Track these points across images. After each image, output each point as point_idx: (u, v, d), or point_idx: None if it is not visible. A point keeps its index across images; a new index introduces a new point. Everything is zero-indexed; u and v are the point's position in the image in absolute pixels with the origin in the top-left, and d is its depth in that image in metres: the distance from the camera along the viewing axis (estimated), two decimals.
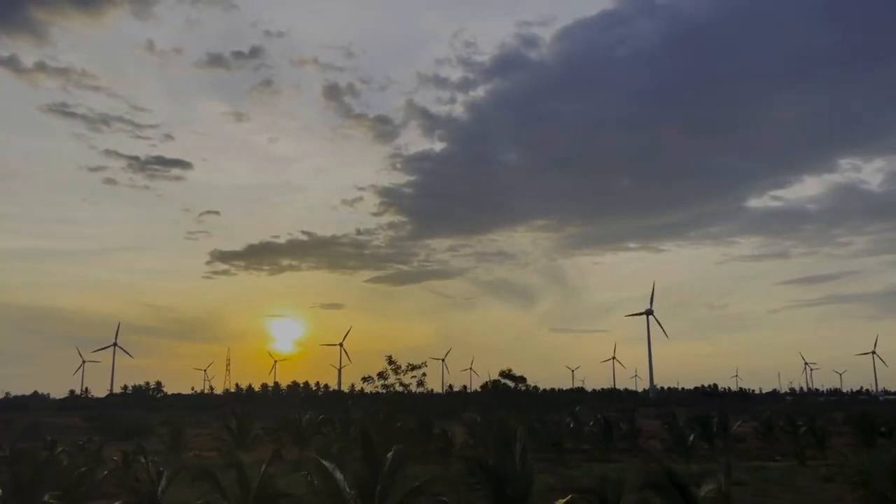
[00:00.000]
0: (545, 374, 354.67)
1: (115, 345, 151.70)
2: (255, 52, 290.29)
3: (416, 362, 56.73)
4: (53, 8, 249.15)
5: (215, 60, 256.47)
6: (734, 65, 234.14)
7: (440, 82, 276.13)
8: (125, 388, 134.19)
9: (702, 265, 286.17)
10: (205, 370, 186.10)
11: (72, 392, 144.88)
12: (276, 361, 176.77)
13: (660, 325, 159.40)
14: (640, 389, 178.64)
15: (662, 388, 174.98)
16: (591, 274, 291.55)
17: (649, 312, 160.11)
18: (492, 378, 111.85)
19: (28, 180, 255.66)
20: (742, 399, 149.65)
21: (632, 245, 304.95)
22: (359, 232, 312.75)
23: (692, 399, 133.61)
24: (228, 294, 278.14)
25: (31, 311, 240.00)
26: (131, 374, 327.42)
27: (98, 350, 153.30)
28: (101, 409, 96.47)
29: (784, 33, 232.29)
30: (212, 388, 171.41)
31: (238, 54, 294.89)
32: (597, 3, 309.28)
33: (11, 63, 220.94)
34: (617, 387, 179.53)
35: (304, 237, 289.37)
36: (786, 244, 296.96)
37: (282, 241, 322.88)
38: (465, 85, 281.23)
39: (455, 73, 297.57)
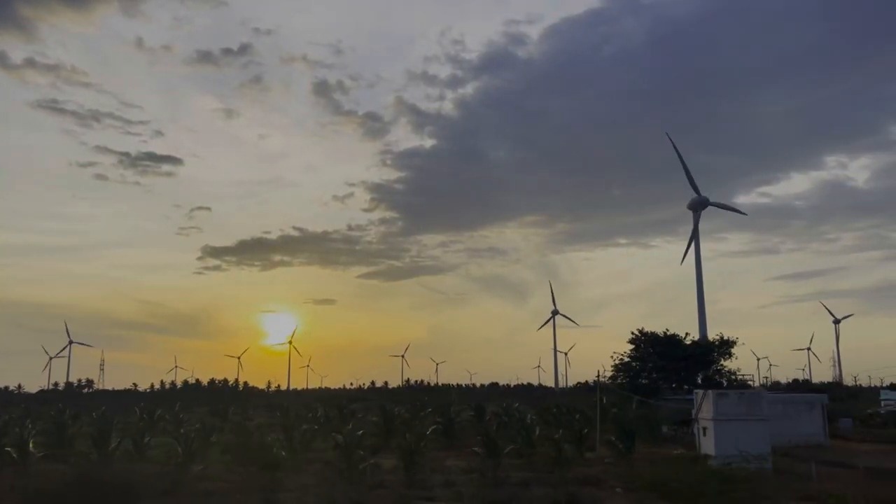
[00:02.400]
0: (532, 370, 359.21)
1: (70, 342, 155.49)
2: (244, 49, 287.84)
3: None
4: (41, 4, 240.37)
5: (204, 57, 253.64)
6: (720, 62, 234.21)
7: (429, 79, 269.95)
8: (56, 384, 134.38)
9: (691, 261, 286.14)
10: (175, 366, 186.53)
11: (6, 388, 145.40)
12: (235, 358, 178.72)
13: (568, 318, 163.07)
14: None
15: (580, 383, 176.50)
16: (583, 270, 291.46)
17: (555, 313, 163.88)
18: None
19: (18, 175, 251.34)
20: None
21: (622, 241, 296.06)
22: (350, 228, 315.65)
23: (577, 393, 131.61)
24: (220, 290, 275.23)
25: (20, 306, 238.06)
26: (126, 369, 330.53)
27: (61, 351, 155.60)
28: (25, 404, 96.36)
29: (770, 31, 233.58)
30: (174, 384, 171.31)
31: (227, 51, 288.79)
32: (583, 2, 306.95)
33: (0, 59, 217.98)
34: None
35: (296, 233, 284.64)
36: (774, 240, 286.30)
37: (273, 236, 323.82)
38: (453, 82, 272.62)
39: (443, 71, 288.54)
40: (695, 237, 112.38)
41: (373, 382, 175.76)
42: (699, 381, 51.88)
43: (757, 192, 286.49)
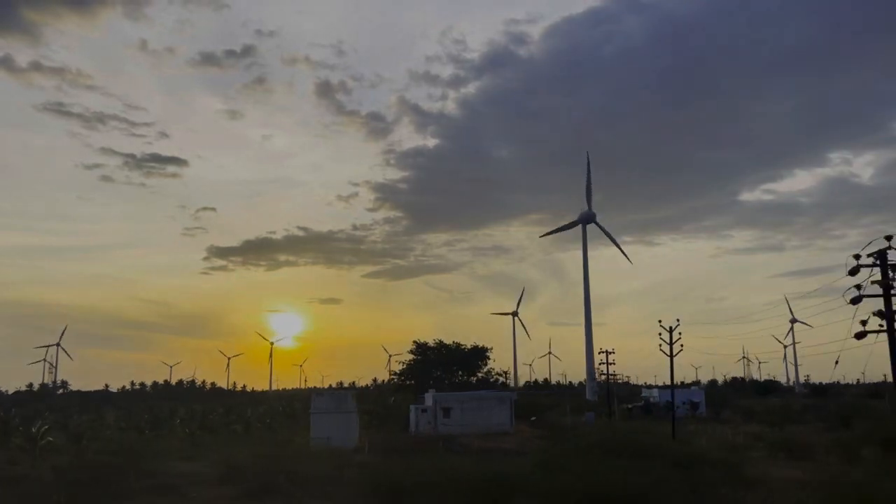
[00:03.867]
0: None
1: (58, 345, 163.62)
2: (247, 50, 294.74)
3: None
4: (46, 9, 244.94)
5: (208, 59, 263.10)
6: (723, 60, 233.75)
7: (431, 79, 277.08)
8: (31, 385, 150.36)
9: (696, 258, 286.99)
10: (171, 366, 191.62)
11: None
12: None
13: (524, 326, 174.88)
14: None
15: (530, 382, 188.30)
16: (588, 268, 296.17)
17: (514, 314, 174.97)
18: None
19: (25, 177, 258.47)
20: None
21: (626, 239, 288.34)
22: (355, 227, 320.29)
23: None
24: (226, 290, 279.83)
25: (28, 306, 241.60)
26: (127, 370, 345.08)
27: (43, 346, 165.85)
28: None
29: (772, 28, 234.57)
30: (143, 384, 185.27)
31: (230, 53, 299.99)
32: (583, 1, 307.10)
33: (6, 63, 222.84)
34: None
35: (301, 233, 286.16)
36: (779, 237, 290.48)
37: (278, 236, 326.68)
38: (455, 82, 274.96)
39: (445, 71, 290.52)
40: (583, 250, 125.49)
41: (374, 380, 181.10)
42: (474, 382, 66.07)
43: (761, 189, 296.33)
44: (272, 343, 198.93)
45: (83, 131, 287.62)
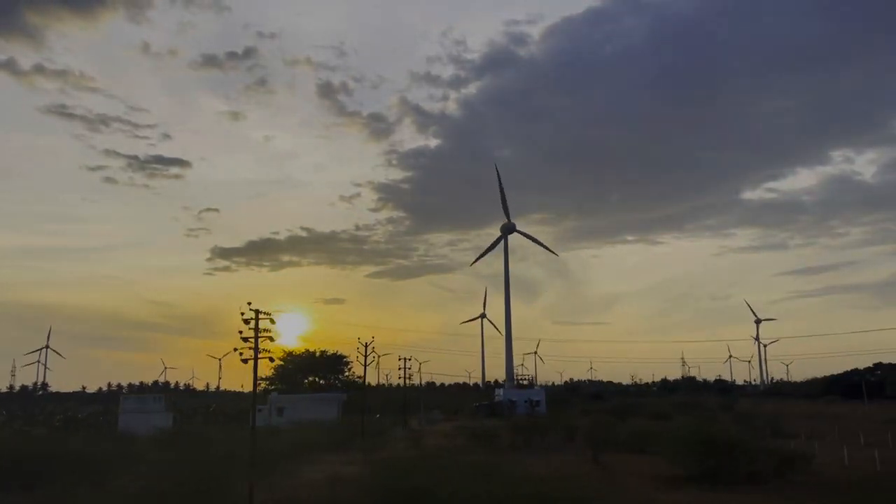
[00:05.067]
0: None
1: (47, 347, 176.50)
2: (249, 52, 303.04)
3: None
4: (48, 12, 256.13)
5: (210, 61, 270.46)
6: (724, 59, 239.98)
7: (432, 80, 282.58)
8: (11, 386, 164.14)
9: (700, 257, 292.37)
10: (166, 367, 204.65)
11: None
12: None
13: (494, 325, 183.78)
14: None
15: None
16: (592, 267, 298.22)
17: (483, 316, 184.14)
18: None
19: (29, 179, 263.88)
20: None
21: (629, 238, 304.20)
22: (358, 228, 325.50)
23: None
24: (230, 290, 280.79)
25: (32, 307, 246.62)
26: (128, 370, 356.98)
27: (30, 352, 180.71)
28: None
29: (773, 27, 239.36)
30: (119, 385, 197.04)
31: (232, 55, 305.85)
32: (583, 1, 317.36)
33: (9, 66, 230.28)
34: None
35: (304, 233, 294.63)
36: (782, 235, 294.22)
37: (281, 237, 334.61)
38: (456, 82, 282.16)
39: (446, 71, 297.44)
40: (505, 259, 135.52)
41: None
42: (338, 385, 77.09)
43: (764, 187, 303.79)
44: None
45: (86, 133, 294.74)
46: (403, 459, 26.02)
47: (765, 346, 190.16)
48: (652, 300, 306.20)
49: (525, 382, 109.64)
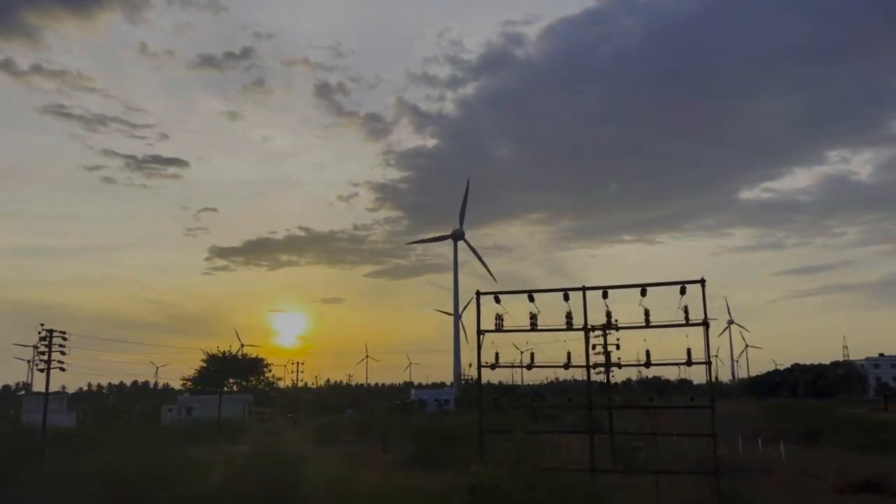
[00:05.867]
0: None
1: (35, 346, 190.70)
2: (246, 53, 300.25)
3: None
4: (46, 12, 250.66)
5: (207, 61, 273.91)
6: (720, 59, 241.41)
7: (429, 80, 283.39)
8: None
9: (698, 257, 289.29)
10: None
11: None
12: None
13: (463, 329, 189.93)
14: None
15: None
16: (590, 266, 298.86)
17: (457, 317, 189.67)
18: None
19: (27, 179, 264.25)
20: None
21: (627, 237, 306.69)
22: (356, 227, 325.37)
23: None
24: (229, 289, 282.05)
25: (29, 307, 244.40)
26: (127, 369, 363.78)
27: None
28: None
29: (769, 27, 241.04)
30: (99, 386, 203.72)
31: (229, 55, 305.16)
32: (579, 2, 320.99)
33: (7, 66, 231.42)
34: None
35: (302, 233, 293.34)
36: (779, 235, 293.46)
37: (279, 236, 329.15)
38: (453, 83, 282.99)
39: (443, 72, 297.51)
40: (454, 264, 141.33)
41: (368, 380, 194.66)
42: (259, 386, 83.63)
43: (761, 187, 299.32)
44: (242, 345, 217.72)
45: (84, 133, 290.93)
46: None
47: (746, 347, 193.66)
48: (649, 299, 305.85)
49: (463, 382, 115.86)
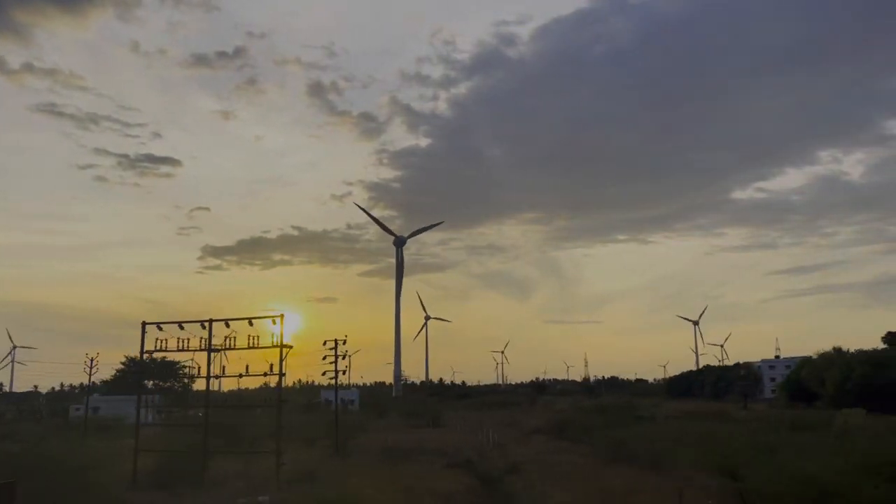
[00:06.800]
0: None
1: (14, 347, 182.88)
2: (239, 52, 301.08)
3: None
4: (37, 10, 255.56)
5: (200, 60, 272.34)
6: (712, 60, 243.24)
7: (422, 80, 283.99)
8: None
9: (691, 256, 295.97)
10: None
11: None
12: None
13: (441, 319, 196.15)
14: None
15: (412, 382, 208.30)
16: (584, 266, 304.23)
17: (427, 318, 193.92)
18: None
19: (19, 177, 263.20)
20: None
21: (620, 237, 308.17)
22: (349, 226, 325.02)
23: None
24: (222, 289, 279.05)
25: (22, 306, 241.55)
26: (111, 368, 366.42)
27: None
28: None
29: (761, 27, 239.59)
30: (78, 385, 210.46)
31: (222, 54, 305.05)
32: (572, 3, 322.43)
33: None
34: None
35: (295, 232, 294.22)
36: (772, 235, 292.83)
37: (272, 236, 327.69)
38: (446, 82, 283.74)
39: (436, 71, 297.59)
40: (398, 270, 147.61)
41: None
42: (179, 388, 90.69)
43: (753, 187, 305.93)
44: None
45: (76, 132, 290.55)
46: None
47: (721, 346, 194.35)
48: (643, 299, 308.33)
49: (402, 382, 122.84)
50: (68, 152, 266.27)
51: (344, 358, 43.22)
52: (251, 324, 29.92)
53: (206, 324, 30.21)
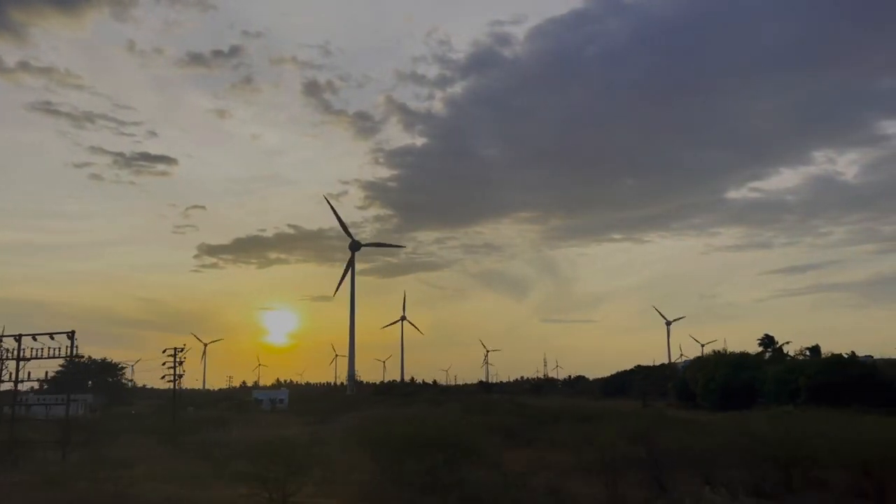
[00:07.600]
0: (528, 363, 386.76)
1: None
2: (235, 51, 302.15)
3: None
4: (33, 9, 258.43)
5: (195, 59, 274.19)
6: (706, 60, 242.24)
7: (418, 79, 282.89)
8: None
9: (686, 256, 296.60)
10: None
11: None
12: None
13: (414, 326, 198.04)
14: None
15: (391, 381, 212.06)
16: (579, 265, 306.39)
17: (402, 319, 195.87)
18: None
19: (15, 175, 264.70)
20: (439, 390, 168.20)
21: (616, 236, 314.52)
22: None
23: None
24: (218, 287, 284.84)
25: (18, 304, 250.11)
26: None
27: None
28: None
29: (755, 28, 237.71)
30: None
31: (217, 53, 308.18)
32: (566, 3, 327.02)
33: None
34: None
35: (291, 230, 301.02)
36: (767, 234, 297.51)
37: (268, 234, 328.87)
38: (442, 82, 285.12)
39: (432, 71, 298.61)
40: (351, 273, 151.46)
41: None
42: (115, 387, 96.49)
43: (748, 186, 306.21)
44: (206, 344, 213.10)
45: (72, 130, 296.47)
46: None
47: (703, 346, 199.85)
48: (639, 298, 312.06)
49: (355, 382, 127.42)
50: (64, 151, 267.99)
51: (181, 364, 48.25)
52: (35, 338, 35.18)
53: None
